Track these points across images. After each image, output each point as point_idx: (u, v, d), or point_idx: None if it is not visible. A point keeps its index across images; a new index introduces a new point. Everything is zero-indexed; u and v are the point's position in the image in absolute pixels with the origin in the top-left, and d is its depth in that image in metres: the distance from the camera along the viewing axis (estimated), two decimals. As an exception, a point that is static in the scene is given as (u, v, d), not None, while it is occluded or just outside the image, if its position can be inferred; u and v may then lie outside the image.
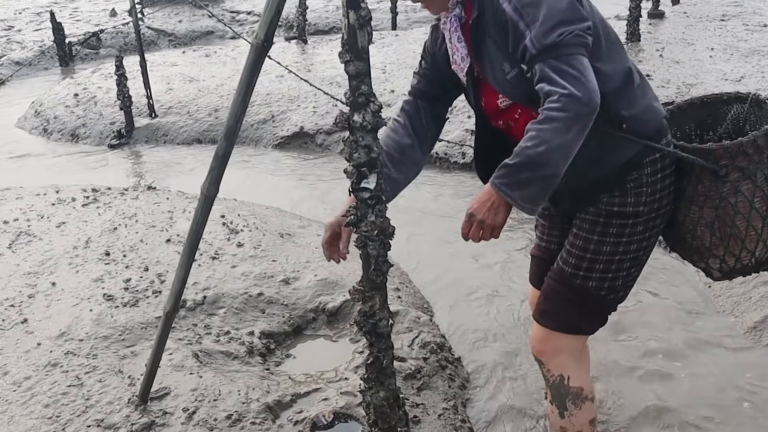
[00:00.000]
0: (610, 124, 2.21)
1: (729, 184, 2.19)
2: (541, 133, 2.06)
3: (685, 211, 2.31)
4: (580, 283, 2.37)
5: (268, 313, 3.64)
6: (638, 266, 2.40)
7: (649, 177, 2.27)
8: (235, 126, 2.20)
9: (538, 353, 2.54)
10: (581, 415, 2.55)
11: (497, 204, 2.17)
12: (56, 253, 4.18)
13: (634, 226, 2.30)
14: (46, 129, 8.52)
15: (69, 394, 2.87)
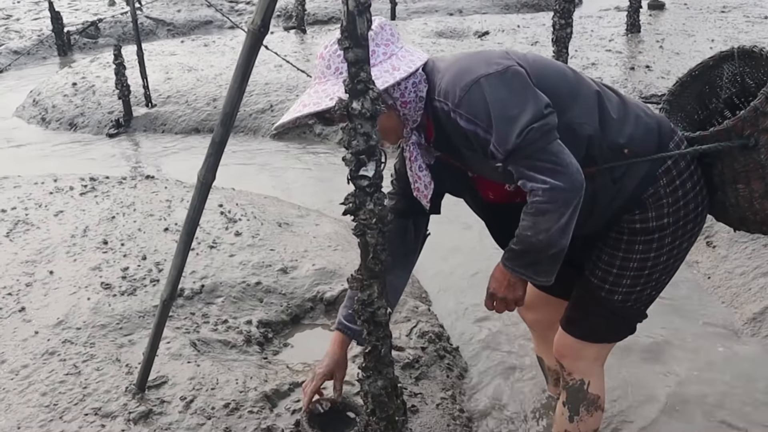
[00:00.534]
0: (611, 158, 2.16)
1: (763, 149, 2.08)
2: (537, 224, 2.10)
3: (733, 193, 2.20)
4: (605, 296, 2.32)
5: (266, 302, 3.64)
6: (669, 273, 2.34)
7: (667, 187, 2.19)
8: (232, 112, 2.19)
9: (561, 357, 2.51)
10: (590, 423, 2.53)
11: (513, 281, 2.27)
12: (54, 242, 4.17)
13: (662, 239, 2.23)
14: (44, 118, 8.49)
15: (66, 382, 2.86)
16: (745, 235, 4.23)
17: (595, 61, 7.83)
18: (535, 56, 2.23)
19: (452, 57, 2.24)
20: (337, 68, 2.16)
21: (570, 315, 2.45)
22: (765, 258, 4.02)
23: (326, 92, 2.14)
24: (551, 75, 2.18)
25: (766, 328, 3.57)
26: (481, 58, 2.15)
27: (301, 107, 2.15)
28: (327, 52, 2.19)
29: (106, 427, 2.62)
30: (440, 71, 2.19)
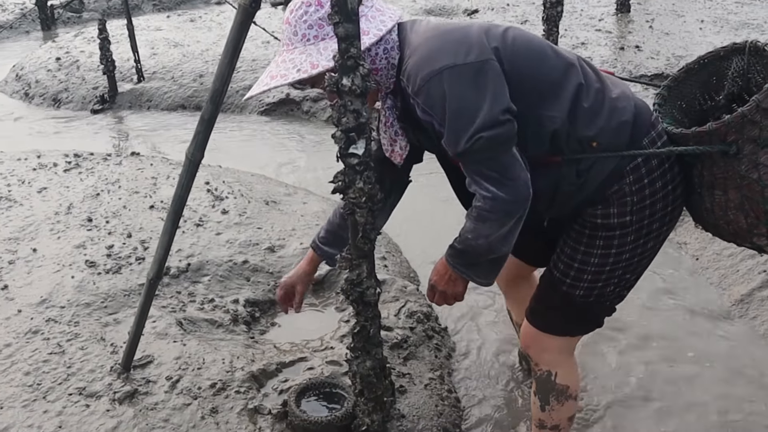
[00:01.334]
0: (578, 149, 2.09)
1: (745, 159, 1.94)
2: (479, 228, 2.11)
3: (710, 198, 2.09)
4: (567, 290, 2.27)
5: (253, 281, 3.60)
6: (635, 272, 2.27)
7: (633, 185, 2.11)
8: (222, 89, 2.14)
9: (526, 348, 2.50)
10: (562, 411, 2.51)
11: (454, 277, 2.27)
12: (37, 219, 4.11)
13: (623, 237, 2.16)
14: (27, 93, 8.39)
15: (50, 361, 2.83)
16: (733, 217, 4.23)
17: (585, 40, 7.79)
18: (519, 36, 2.13)
19: (427, 28, 2.13)
20: (303, 35, 2.09)
21: (533, 306, 2.41)
22: (753, 239, 4.02)
23: (293, 62, 2.08)
24: (531, 60, 2.09)
25: (753, 310, 3.58)
26: (454, 39, 2.04)
27: (269, 79, 2.09)
28: (293, 17, 2.09)
29: (90, 407, 2.59)
30: (411, 45, 2.10)
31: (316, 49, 2.09)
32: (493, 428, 2.89)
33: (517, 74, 2.04)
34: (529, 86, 2.06)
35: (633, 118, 2.11)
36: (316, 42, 2.09)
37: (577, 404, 2.57)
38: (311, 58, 2.06)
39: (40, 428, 2.49)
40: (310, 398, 2.64)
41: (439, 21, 2.20)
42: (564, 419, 2.54)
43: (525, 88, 2.04)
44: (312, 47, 2.09)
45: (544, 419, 2.54)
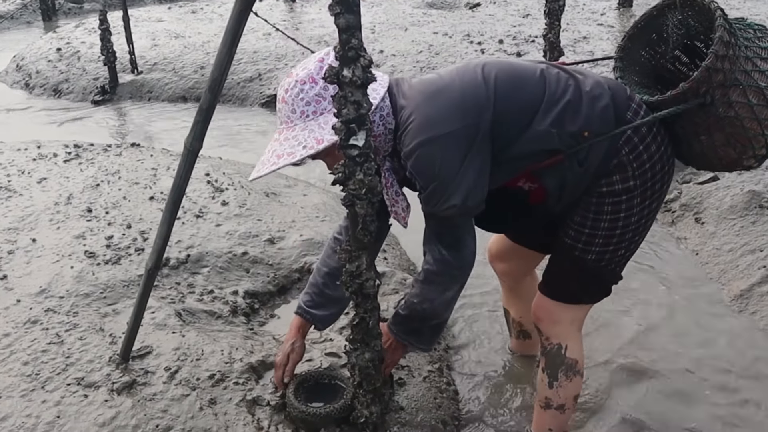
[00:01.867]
0: (573, 143, 2.21)
1: (719, 102, 2.14)
2: (424, 292, 2.35)
3: (699, 144, 2.26)
4: (579, 255, 2.36)
5: (252, 272, 3.60)
6: (641, 234, 2.38)
7: (630, 155, 2.24)
8: (220, 78, 2.13)
9: (538, 321, 2.55)
10: (569, 389, 2.56)
11: (395, 345, 2.50)
12: (37, 209, 4.11)
13: (630, 200, 2.27)
14: (28, 83, 8.38)
15: (49, 351, 2.82)
16: (733, 212, 4.23)
17: (587, 35, 7.78)
18: (498, 71, 2.25)
19: (414, 90, 2.25)
20: (302, 111, 2.17)
21: (546, 276, 2.51)
22: (753, 235, 4.02)
23: (297, 139, 2.16)
24: (515, 92, 2.22)
25: (753, 305, 3.58)
26: (444, 104, 2.17)
27: (276, 158, 2.17)
28: (289, 96, 2.18)
29: (89, 397, 2.58)
30: (404, 109, 2.22)
31: (316, 124, 2.17)
32: (491, 420, 2.89)
33: (504, 111, 2.19)
34: (517, 114, 2.21)
35: (611, 99, 2.25)
36: (315, 117, 2.18)
37: (581, 383, 2.61)
38: (314, 134, 2.15)
39: (38, 418, 2.48)
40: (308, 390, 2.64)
41: (422, 80, 2.30)
42: (570, 398, 2.57)
43: (515, 118, 2.20)
44: (312, 123, 2.17)
45: (551, 397, 2.58)
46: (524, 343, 3.17)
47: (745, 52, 2.14)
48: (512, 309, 3.09)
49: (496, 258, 2.95)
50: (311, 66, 2.18)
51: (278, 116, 2.24)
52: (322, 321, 2.67)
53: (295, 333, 2.65)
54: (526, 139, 2.20)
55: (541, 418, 2.67)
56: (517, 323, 3.12)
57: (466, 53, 7.38)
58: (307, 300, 2.64)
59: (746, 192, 4.30)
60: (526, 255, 2.82)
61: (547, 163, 2.24)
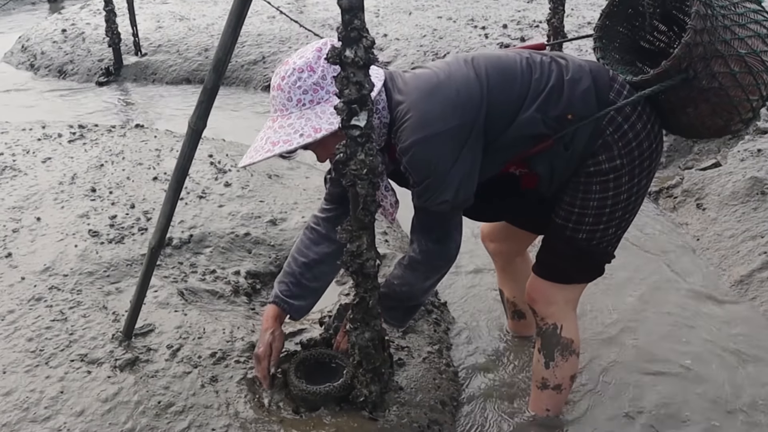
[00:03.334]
0: (559, 127, 2.25)
1: (702, 75, 2.17)
2: (406, 277, 2.44)
3: (685, 116, 2.29)
4: (570, 234, 2.39)
5: (254, 253, 3.62)
6: (632, 212, 2.41)
7: (615, 134, 2.28)
8: (225, 58, 2.14)
9: (533, 302, 2.57)
10: (565, 368, 2.58)
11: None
12: (41, 189, 4.13)
13: (618, 179, 2.30)
14: (33, 64, 8.39)
15: (53, 328, 2.85)
16: (735, 199, 4.24)
17: (591, 20, 7.75)
18: (495, 63, 2.30)
19: (410, 86, 2.26)
20: (299, 100, 2.17)
21: (539, 257, 2.54)
22: (754, 221, 4.03)
23: (293, 127, 2.16)
24: (510, 84, 2.26)
25: (753, 291, 3.59)
26: (440, 100, 2.19)
27: (270, 145, 2.16)
28: (285, 83, 2.17)
29: (92, 374, 2.61)
30: (401, 104, 2.23)
31: (313, 113, 2.17)
32: (490, 401, 2.91)
33: (496, 104, 2.23)
34: (507, 106, 2.24)
35: (592, 81, 2.28)
36: (312, 106, 2.18)
37: (578, 362, 2.64)
38: (312, 123, 2.15)
39: (42, 393, 2.52)
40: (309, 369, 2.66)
41: (417, 76, 2.30)
42: (567, 378, 2.60)
43: (505, 109, 2.24)
44: (309, 111, 2.17)
45: (547, 378, 2.60)
46: (519, 323, 3.19)
47: (722, 22, 2.17)
48: (506, 289, 3.13)
49: (488, 238, 2.99)
50: (309, 55, 2.18)
51: (272, 104, 2.23)
52: (298, 311, 2.66)
53: (272, 322, 2.61)
54: (514, 127, 2.24)
55: (539, 398, 2.70)
56: (511, 303, 3.16)
57: (470, 38, 7.37)
58: (284, 289, 2.62)
59: (748, 178, 4.30)
60: (517, 235, 2.85)
61: (536, 149, 2.28)
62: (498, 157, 2.31)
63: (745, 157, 4.56)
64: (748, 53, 2.16)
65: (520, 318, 3.16)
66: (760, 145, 4.62)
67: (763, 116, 4.99)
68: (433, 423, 2.63)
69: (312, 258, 2.60)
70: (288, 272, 2.64)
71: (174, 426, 2.42)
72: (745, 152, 4.60)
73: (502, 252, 2.99)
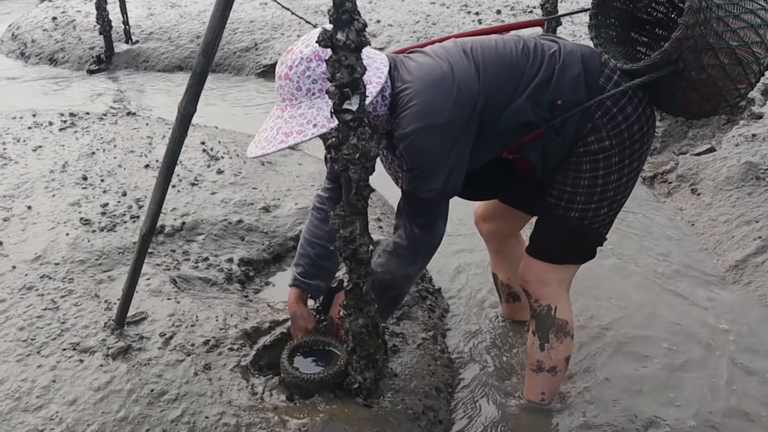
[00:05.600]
0: (549, 115, 2.27)
1: (692, 66, 2.18)
2: (389, 264, 2.45)
3: (674, 100, 2.32)
4: (562, 213, 2.41)
5: (247, 240, 3.60)
6: (624, 193, 2.42)
7: (604, 117, 2.29)
8: (214, 41, 2.12)
9: (526, 284, 2.58)
10: (560, 350, 2.59)
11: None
12: (32, 177, 4.09)
13: (608, 159, 2.32)
14: (23, 53, 8.33)
15: (44, 317, 2.83)
16: (730, 184, 4.23)
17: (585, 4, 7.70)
18: (492, 52, 2.30)
19: (414, 71, 2.26)
20: (308, 89, 2.16)
21: (533, 237, 2.55)
22: (749, 206, 4.02)
23: (305, 117, 2.15)
24: (505, 73, 2.27)
25: (747, 276, 3.59)
26: (445, 92, 2.20)
27: (284, 136, 2.14)
28: (294, 73, 2.16)
29: (84, 362, 2.59)
30: (403, 90, 2.23)
31: (324, 102, 2.16)
32: (485, 387, 2.90)
33: (492, 95, 2.25)
34: (503, 94, 2.26)
35: (582, 68, 2.29)
36: (322, 95, 2.16)
37: (572, 344, 2.65)
38: (324, 112, 2.14)
39: (33, 382, 2.50)
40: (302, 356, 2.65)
41: (421, 66, 2.28)
42: (562, 360, 2.61)
43: (501, 98, 2.26)
44: (319, 101, 2.16)
45: (542, 360, 2.61)
46: (514, 306, 3.19)
47: (716, 13, 2.16)
48: (500, 272, 3.13)
49: (482, 219, 2.99)
50: (316, 43, 2.15)
51: (279, 93, 2.21)
52: (317, 290, 2.72)
53: (297, 305, 2.69)
54: (505, 115, 2.25)
55: (533, 381, 2.69)
56: (506, 286, 3.16)
57: (464, 24, 7.33)
58: (302, 271, 2.66)
59: (743, 163, 4.29)
60: (511, 215, 2.86)
61: (528, 138, 2.31)
62: (491, 146, 2.33)
63: (740, 142, 4.55)
64: (740, 45, 2.16)
65: (515, 300, 3.16)
66: (754, 130, 4.61)
67: (758, 101, 4.98)
68: (428, 409, 2.62)
69: (322, 237, 2.62)
70: (302, 254, 2.67)
71: (167, 414, 2.40)
72: (739, 137, 4.59)
73: (495, 233, 2.99)
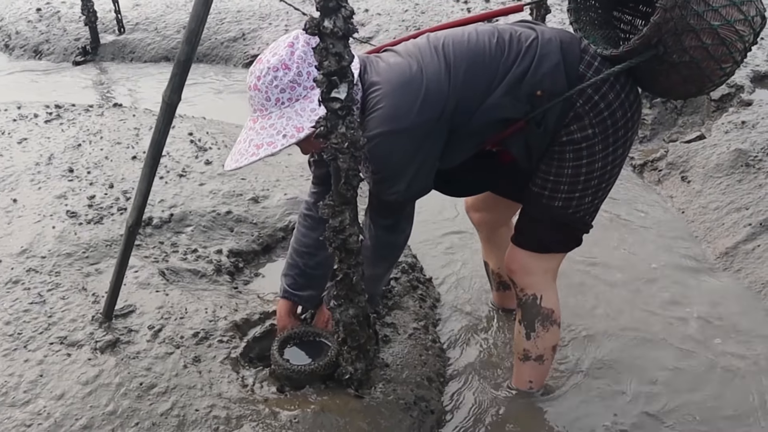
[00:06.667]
0: (529, 107, 2.23)
1: (672, 50, 2.13)
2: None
3: (658, 84, 2.28)
4: (546, 202, 2.38)
5: (236, 231, 3.57)
6: (609, 181, 2.39)
7: (585, 105, 2.26)
8: (197, 29, 2.08)
9: (512, 273, 2.56)
10: (547, 339, 2.58)
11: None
12: (18, 170, 4.05)
13: (591, 147, 2.29)
14: (7, 45, 8.23)
15: (31, 311, 2.79)
16: (720, 171, 4.22)
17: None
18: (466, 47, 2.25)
19: (384, 72, 2.23)
20: (277, 99, 2.15)
21: (517, 227, 2.53)
22: (739, 193, 4.02)
23: (275, 128, 2.15)
24: (479, 69, 2.22)
25: (738, 263, 3.59)
26: (412, 97, 2.16)
27: (255, 148, 2.15)
28: (262, 83, 2.15)
29: (72, 356, 2.56)
30: (372, 92, 2.21)
31: (293, 111, 2.15)
32: (476, 377, 2.89)
33: (464, 95, 2.21)
34: (476, 92, 2.21)
35: (561, 56, 2.23)
36: (291, 104, 2.16)
37: (559, 333, 2.64)
38: (293, 122, 2.13)
39: (21, 377, 2.47)
40: (293, 347, 2.63)
41: (391, 67, 2.25)
42: (548, 348, 2.60)
43: (474, 96, 2.21)
44: (289, 110, 2.15)
45: (528, 349, 2.60)
46: (504, 294, 3.18)
47: None
48: (491, 260, 3.11)
49: (472, 208, 2.98)
50: (282, 52, 2.15)
51: (251, 104, 2.21)
52: (309, 301, 2.73)
53: (288, 319, 2.71)
54: (481, 111, 2.22)
55: (521, 370, 2.69)
56: (496, 274, 3.15)
57: (452, 12, 7.29)
58: (291, 283, 2.67)
59: (732, 150, 4.29)
60: (501, 204, 2.84)
61: (508, 132, 2.28)
62: (466, 144, 2.31)
63: (730, 129, 4.54)
64: (722, 24, 2.09)
65: (506, 289, 3.15)
66: (744, 117, 4.60)
67: (747, 88, 4.97)
68: (419, 399, 2.61)
69: (311, 245, 2.62)
70: (291, 264, 2.68)
71: (156, 407, 2.38)
72: (729, 124, 4.58)
73: (486, 222, 2.97)
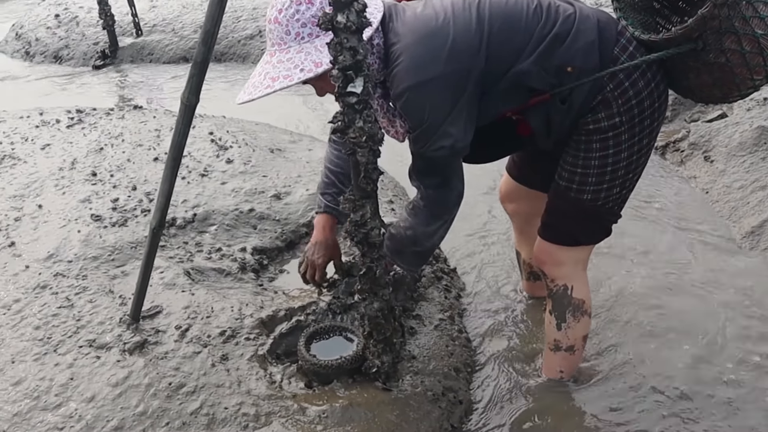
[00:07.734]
0: (557, 81, 2.18)
1: (711, 49, 2.09)
2: (411, 220, 2.39)
3: (685, 80, 2.24)
4: (574, 196, 2.34)
5: (260, 228, 3.58)
6: (636, 171, 2.34)
7: (615, 91, 2.20)
8: (213, 30, 2.09)
9: (541, 264, 2.54)
10: (578, 329, 2.56)
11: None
12: (42, 176, 4.09)
13: (617, 137, 2.24)
14: (28, 52, 8.31)
15: (59, 315, 2.83)
16: (743, 149, 4.18)
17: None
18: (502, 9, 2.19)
19: (409, 22, 2.17)
20: (297, 33, 2.10)
21: (545, 220, 2.49)
22: (763, 171, 3.97)
23: (293, 62, 2.09)
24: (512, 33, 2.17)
25: (764, 241, 3.55)
26: (436, 46, 2.10)
27: (270, 81, 2.09)
28: (283, 16, 2.09)
29: (101, 359, 2.59)
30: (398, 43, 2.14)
31: (313, 46, 2.10)
32: (504, 366, 2.89)
33: (495, 54, 2.15)
34: (507, 55, 2.16)
35: (598, 34, 2.19)
36: (311, 39, 2.10)
37: (590, 323, 2.62)
38: (312, 57, 2.08)
39: (51, 381, 2.50)
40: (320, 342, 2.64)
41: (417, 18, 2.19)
42: (579, 338, 2.58)
43: (505, 59, 2.16)
44: (308, 45, 2.10)
45: (560, 339, 2.58)
46: (534, 284, 3.17)
47: None
48: (523, 250, 3.09)
49: (506, 198, 2.95)
50: None
51: (269, 38, 2.15)
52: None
53: (328, 232, 2.72)
54: (509, 77, 2.16)
55: (552, 360, 2.67)
56: (528, 265, 3.13)
57: None
58: (331, 199, 2.67)
59: (755, 128, 4.23)
60: (533, 196, 2.80)
61: (532, 102, 2.22)
62: (494, 106, 2.24)
63: (752, 106, 4.48)
64: (765, 34, 2.04)
65: (536, 279, 3.13)
66: (766, 94, 4.54)
67: (769, 64, 4.90)
68: (447, 390, 2.61)
69: (344, 165, 2.60)
70: (327, 183, 2.68)
71: (186, 407, 2.40)
72: (751, 101, 4.52)
73: (520, 213, 2.95)
